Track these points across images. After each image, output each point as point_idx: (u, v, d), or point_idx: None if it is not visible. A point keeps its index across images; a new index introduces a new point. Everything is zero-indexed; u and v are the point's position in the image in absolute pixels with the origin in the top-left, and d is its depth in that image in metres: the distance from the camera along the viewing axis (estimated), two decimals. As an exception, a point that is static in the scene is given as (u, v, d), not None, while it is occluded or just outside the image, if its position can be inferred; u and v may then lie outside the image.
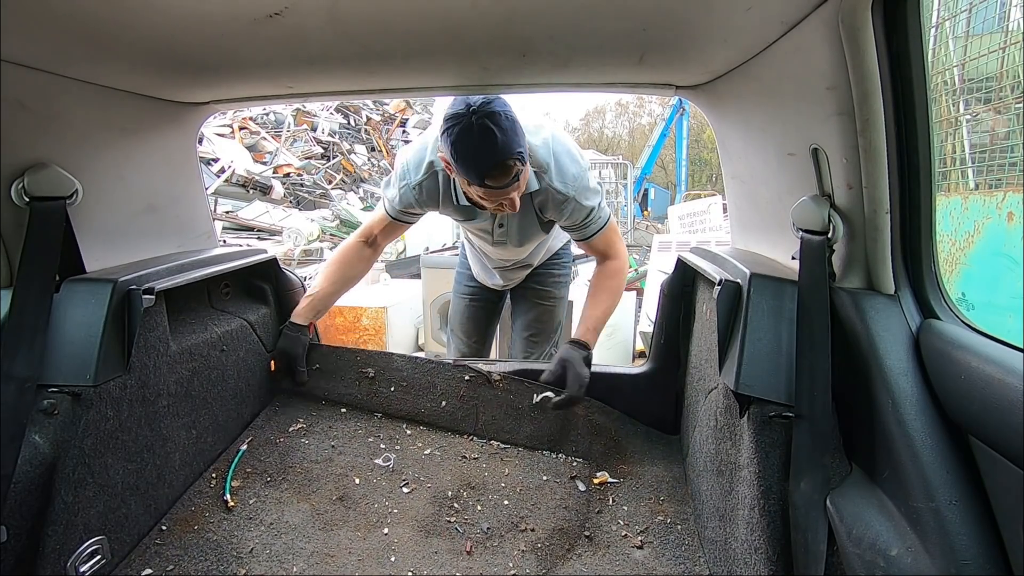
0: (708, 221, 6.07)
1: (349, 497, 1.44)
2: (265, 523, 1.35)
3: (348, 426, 1.66)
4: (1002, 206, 2.68)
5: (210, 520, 1.35)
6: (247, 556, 1.26)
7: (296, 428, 1.65)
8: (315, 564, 1.26)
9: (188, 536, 1.30)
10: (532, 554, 1.30)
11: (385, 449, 1.58)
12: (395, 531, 1.36)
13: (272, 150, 11.41)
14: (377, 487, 1.47)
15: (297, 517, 1.38)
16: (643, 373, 1.87)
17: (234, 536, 1.31)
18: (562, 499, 1.45)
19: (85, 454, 1.14)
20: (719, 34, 1.07)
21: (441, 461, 1.56)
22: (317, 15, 0.96)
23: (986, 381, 0.75)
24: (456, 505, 1.43)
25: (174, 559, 1.25)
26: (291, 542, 1.31)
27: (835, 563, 0.91)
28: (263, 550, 1.28)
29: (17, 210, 1.13)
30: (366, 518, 1.39)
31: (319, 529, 1.35)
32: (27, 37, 0.96)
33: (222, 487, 1.44)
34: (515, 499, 1.45)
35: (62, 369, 1.13)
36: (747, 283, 1.15)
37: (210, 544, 1.29)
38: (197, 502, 1.39)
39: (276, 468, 1.51)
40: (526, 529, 1.37)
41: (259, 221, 8.90)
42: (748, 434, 1.07)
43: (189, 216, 1.64)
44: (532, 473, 1.53)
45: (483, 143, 1.30)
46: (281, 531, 1.33)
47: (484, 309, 2.30)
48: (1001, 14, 3.04)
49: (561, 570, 1.26)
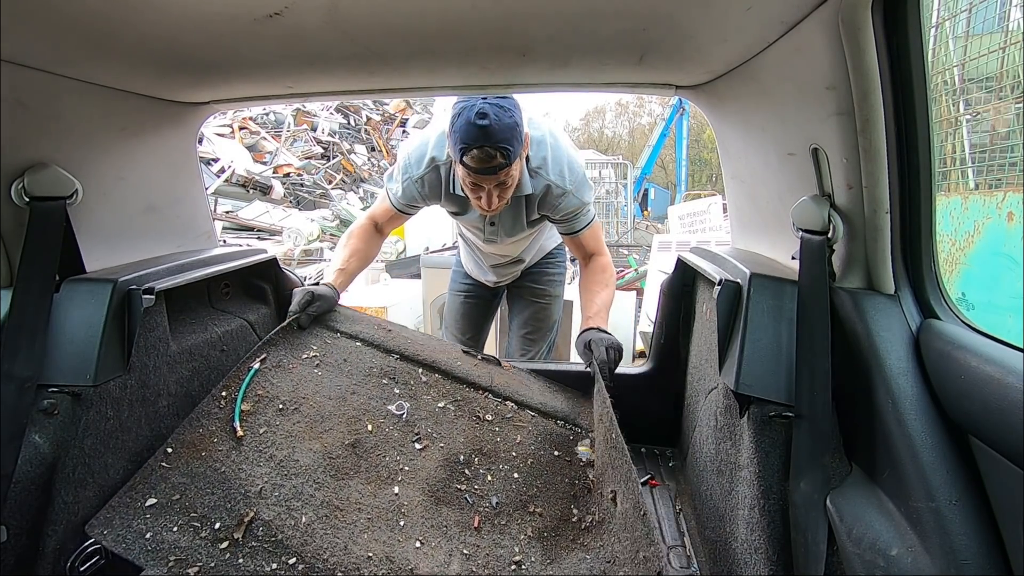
0: (708, 221, 6.07)
1: (361, 445, 1.39)
2: (275, 460, 1.30)
3: (363, 362, 1.58)
4: (1002, 206, 2.68)
5: (219, 448, 1.29)
6: (255, 497, 1.22)
7: (309, 356, 1.56)
8: (324, 516, 1.22)
9: (195, 464, 1.25)
10: (538, 542, 1.28)
11: (399, 395, 1.53)
12: (405, 492, 1.32)
13: (272, 150, 11.42)
14: (389, 438, 1.43)
15: (308, 458, 1.32)
16: (643, 373, 1.87)
17: (242, 471, 1.26)
18: (571, 483, 1.42)
19: (85, 454, 1.14)
20: (719, 34, 1.07)
21: (455, 419, 1.51)
22: (317, 15, 0.96)
23: (986, 381, 0.75)
24: (467, 472, 1.40)
25: (180, 487, 1.20)
26: (301, 486, 1.26)
27: (835, 563, 0.91)
28: (272, 491, 1.24)
29: (17, 210, 1.13)
30: (377, 472, 1.35)
31: (330, 476, 1.30)
32: (27, 37, 0.96)
33: (231, 411, 1.36)
34: (525, 473, 1.42)
35: (62, 369, 1.13)
36: (747, 283, 1.15)
37: (218, 476, 1.24)
38: (205, 424, 1.33)
39: (288, 397, 1.44)
40: (534, 512, 1.34)
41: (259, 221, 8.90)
42: (748, 434, 1.07)
43: (189, 216, 1.64)
44: (544, 446, 1.49)
45: (476, 122, 1.36)
46: (291, 472, 1.28)
47: (478, 306, 2.30)
48: (1001, 14, 3.04)
49: (566, 560, 1.25)
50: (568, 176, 1.64)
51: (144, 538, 1.12)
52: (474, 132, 1.37)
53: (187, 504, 1.18)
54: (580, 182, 1.66)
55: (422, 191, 1.69)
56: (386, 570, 1.15)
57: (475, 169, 1.42)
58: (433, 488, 1.35)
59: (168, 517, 1.16)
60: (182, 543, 1.13)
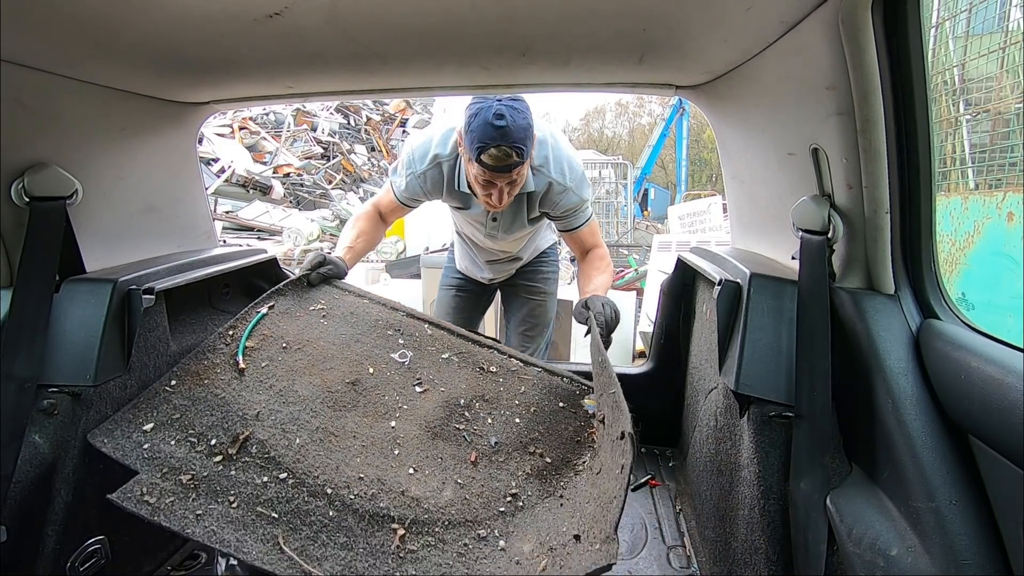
0: (708, 221, 6.07)
1: (361, 384, 1.40)
2: (275, 389, 1.32)
3: (369, 315, 1.59)
4: (1002, 206, 2.68)
5: (220, 377, 1.32)
6: (252, 419, 1.24)
7: (316, 308, 1.58)
8: (318, 440, 1.24)
9: (197, 389, 1.28)
10: (536, 479, 1.26)
11: (403, 345, 1.52)
12: (402, 426, 1.32)
13: (272, 150, 11.41)
14: (390, 381, 1.43)
15: (307, 390, 1.34)
16: (643, 373, 1.87)
17: (242, 397, 1.29)
18: (576, 431, 1.38)
19: (85, 454, 1.14)
20: (719, 34, 1.07)
21: (458, 369, 1.50)
22: (317, 15, 0.96)
23: (986, 381, 0.75)
24: (467, 414, 1.38)
25: (181, 408, 1.24)
26: (298, 413, 1.28)
27: (835, 563, 0.91)
28: (269, 416, 1.26)
29: (17, 210, 1.13)
30: (375, 408, 1.35)
31: (328, 407, 1.32)
32: (27, 37, 0.96)
33: (236, 347, 1.39)
34: (528, 419, 1.39)
35: (62, 369, 1.13)
36: (747, 283, 1.15)
37: (218, 401, 1.27)
38: (210, 357, 1.36)
39: (293, 338, 1.46)
40: (535, 453, 1.32)
41: (259, 221, 8.90)
42: (748, 434, 1.07)
43: (189, 216, 1.64)
44: (549, 397, 1.45)
45: (494, 122, 1.43)
46: (289, 400, 1.31)
47: (469, 300, 2.32)
48: (1001, 14, 3.03)
49: (567, 493, 1.22)
50: (568, 174, 1.70)
51: (142, 448, 1.15)
52: (492, 132, 1.43)
53: (186, 423, 1.22)
54: (580, 180, 1.73)
55: (424, 186, 1.74)
56: (376, 490, 1.16)
57: (492, 167, 1.48)
58: (431, 425, 1.34)
59: (167, 432, 1.19)
60: (178, 454, 1.16)
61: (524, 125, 1.47)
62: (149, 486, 1.09)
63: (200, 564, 1.39)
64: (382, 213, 1.88)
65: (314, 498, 1.14)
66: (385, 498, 1.16)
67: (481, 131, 1.44)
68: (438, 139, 1.71)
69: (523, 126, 1.46)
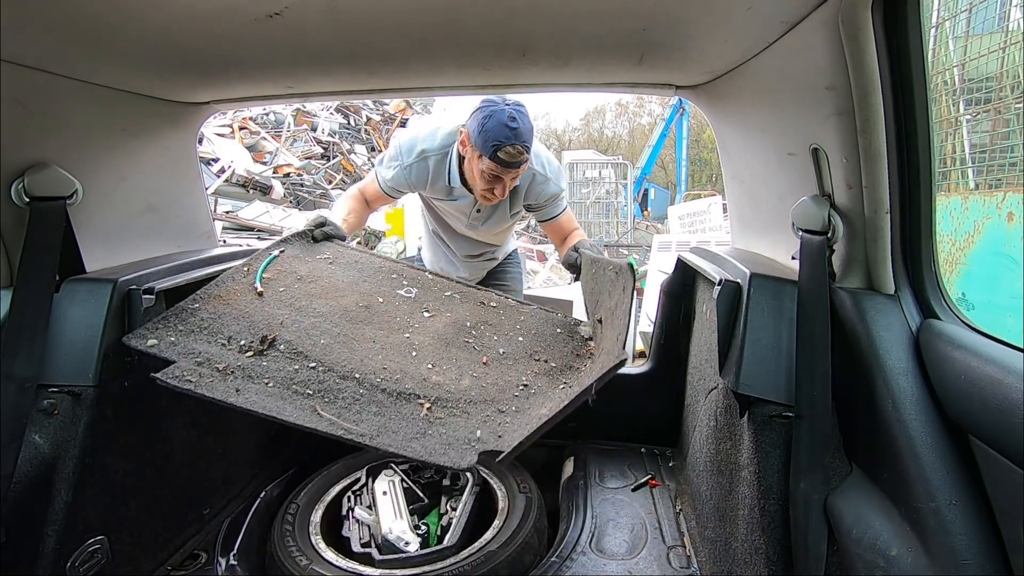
0: (708, 221, 6.07)
1: (373, 308, 1.51)
2: (295, 307, 1.41)
3: (373, 264, 1.71)
4: (1002, 206, 2.68)
5: (242, 299, 1.40)
6: (277, 326, 1.33)
7: (323, 257, 1.68)
8: (341, 342, 1.33)
9: (220, 307, 1.35)
10: (545, 376, 1.37)
11: (408, 285, 1.65)
12: (416, 337, 1.43)
13: (272, 150, 11.41)
14: (399, 308, 1.54)
15: (325, 308, 1.44)
16: (643, 373, 1.87)
17: (264, 311, 1.37)
18: (575, 348, 1.49)
19: (85, 454, 1.14)
20: (719, 34, 1.07)
21: (461, 303, 1.63)
22: (317, 15, 0.96)
23: (986, 381, 0.75)
24: (474, 332, 1.50)
25: (208, 320, 1.30)
26: (318, 323, 1.38)
27: (835, 563, 0.91)
28: (292, 324, 1.35)
29: (17, 210, 1.13)
30: (389, 324, 1.46)
31: (346, 321, 1.42)
32: (27, 37, 0.96)
33: (253, 278, 1.47)
34: (530, 338, 1.51)
35: (62, 369, 1.13)
36: (747, 283, 1.15)
37: (242, 314, 1.34)
38: (229, 286, 1.42)
39: (306, 274, 1.56)
40: (540, 360, 1.43)
41: (259, 221, 8.89)
42: (748, 434, 1.07)
43: (189, 216, 1.64)
44: (547, 325, 1.58)
45: (508, 124, 1.60)
46: (309, 315, 1.40)
47: None
48: (1001, 14, 3.03)
49: (572, 381, 1.33)
50: (548, 166, 1.90)
51: (175, 346, 1.21)
52: (507, 132, 1.59)
53: (214, 330, 1.29)
54: (557, 171, 1.94)
55: (409, 178, 1.88)
56: (400, 376, 1.27)
57: (505, 163, 1.63)
58: (443, 337, 1.45)
59: (197, 337, 1.26)
60: (211, 351, 1.23)
61: (530, 127, 1.63)
62: (188, 370, 1.15)
63: (200, 564, 1.39)
64: (367, 199, 2.02)
65: (344, 380, 1.23)
66: (409, 382, 1.27)
67: (496, 131, 1.59)
68: (424, 135, 1.86)
69: (529, 128, 1.63)
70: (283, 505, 1.51)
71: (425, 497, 1.59)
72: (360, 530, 1.44)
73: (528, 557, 1.36)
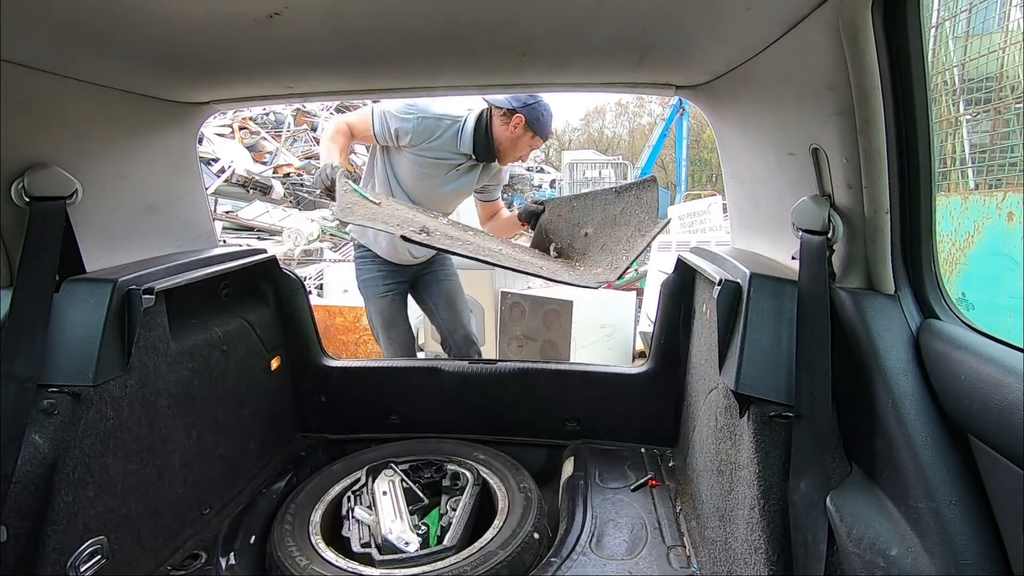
0: (708, 221, 6.06)
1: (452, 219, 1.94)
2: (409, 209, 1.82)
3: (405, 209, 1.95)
4: (1002, 206, 2.68)
5: (371, 207, 1.65)
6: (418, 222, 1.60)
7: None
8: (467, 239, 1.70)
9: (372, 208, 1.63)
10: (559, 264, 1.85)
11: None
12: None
13: (272, 150, 11.41)
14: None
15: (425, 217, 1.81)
16: (643, 373, 1.87)
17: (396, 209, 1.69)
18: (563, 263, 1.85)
19: (85, 454, 1.14)
20: (719, 34, 1.07)
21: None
22: (317, 15, 0.96)
23: (986, 381, 0.74)
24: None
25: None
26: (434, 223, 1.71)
27: (835, 563, 0.91)
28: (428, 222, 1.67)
29: (17, 210, 1.13)
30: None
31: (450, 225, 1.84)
32: (27, 37, 0.96)
33: (361, 197, 1.70)
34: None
35: (62, 369, 1.13)
36: (747, 283, 1.14)
37: (391, 213, 1.63)
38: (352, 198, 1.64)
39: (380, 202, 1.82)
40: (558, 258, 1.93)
41: (259, 221, 8.89)
42: (748, 434, 1.07)
43: (189, 216, 1.64)
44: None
45: (550, 117, 2.19)
46: (426, 215, 1.83)
47: (402, 294, 2.53)
48: (1001, 14, 3.03)
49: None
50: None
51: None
52: (550, 121, 2.19)
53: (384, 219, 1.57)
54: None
55: (416, 128, 2.08)
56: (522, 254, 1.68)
57: (546, 138, 2.21)
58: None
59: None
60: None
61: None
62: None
63: (200, 564, 1.39)
64: (353, 135, 2.17)
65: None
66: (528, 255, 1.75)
67: (547, 117, 2.16)
68: (437, 106, 2.15)
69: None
70: (283, 505, 1.51)
71: (425, 497, 1.59)
72: (360, 530, 1.45)
73: (528, 557, 1.36)
